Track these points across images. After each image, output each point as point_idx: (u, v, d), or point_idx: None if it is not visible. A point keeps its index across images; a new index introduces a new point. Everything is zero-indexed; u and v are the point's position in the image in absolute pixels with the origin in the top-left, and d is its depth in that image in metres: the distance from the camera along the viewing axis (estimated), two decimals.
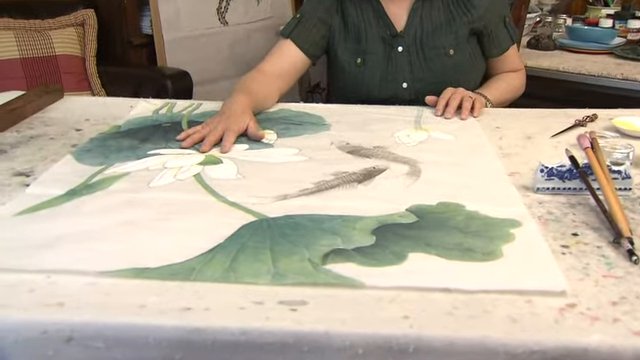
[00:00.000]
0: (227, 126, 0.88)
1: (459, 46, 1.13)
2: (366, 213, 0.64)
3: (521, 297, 0.50)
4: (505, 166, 0.79)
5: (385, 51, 1.13)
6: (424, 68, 1.12)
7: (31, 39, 1.82)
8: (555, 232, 0.61)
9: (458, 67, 1.13)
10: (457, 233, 0.60)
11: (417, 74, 1.13)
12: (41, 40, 1.83)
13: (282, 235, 0.59)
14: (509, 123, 1.00)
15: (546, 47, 1.86)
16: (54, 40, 1.86)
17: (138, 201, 0.68)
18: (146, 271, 0.53)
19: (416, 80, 1.13)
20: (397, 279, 0.52)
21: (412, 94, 1.14)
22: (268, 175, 0.76)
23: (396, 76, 1.13)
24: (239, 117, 0.91)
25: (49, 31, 1.88)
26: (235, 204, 0.67)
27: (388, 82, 1.13)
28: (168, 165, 0.79)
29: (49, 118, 1.01)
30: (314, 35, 1.14)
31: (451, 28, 1.12)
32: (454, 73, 1.13)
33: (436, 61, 1.12)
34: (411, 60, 1.13)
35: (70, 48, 1.89)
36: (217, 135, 0.87)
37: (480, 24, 1.14)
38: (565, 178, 0.70)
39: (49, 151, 0.85)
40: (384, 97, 1.14)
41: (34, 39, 1.83)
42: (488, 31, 1.15)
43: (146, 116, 1.03)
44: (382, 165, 0.79)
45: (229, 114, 0.92)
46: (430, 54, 1.12)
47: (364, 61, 1.13)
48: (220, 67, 2.30)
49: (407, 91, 1.14)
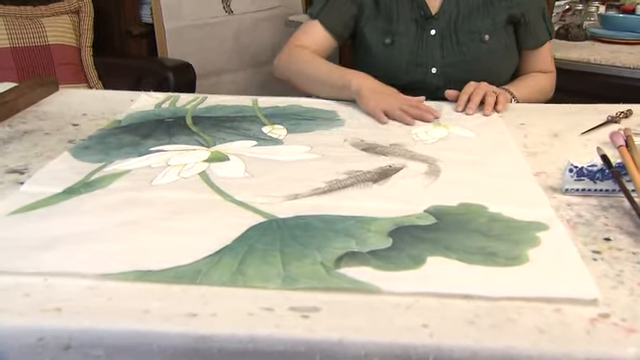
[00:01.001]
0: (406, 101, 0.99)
1: (495, 32, 1.13)
2: (381, 214, 0.65)
3: (549, 305, 0.50)
4: (530, 165, 0.80)
5: (417, 33, 1.14)
6: (456, 53, 1.13)
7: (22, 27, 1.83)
8: (585, 237, 0.61)
9: (492, 55, 1.14)
10: (479, 236, 0.60)
11: (448, 59, 1.14)
12: (33, 28, 1.85)
13: (293, 237, 0.60)
14: (535, 119, 1.00)
15: (576, 37, 1.85)
16: (47, 29, 1.87)
17: (140, 200, 0.69)
18: (149, 274, 0.53)
19: (446, 66, 1.14)
20: (415, 284, 0.52)
21: (441, 80, 1.15)
22: (277, 173, 0.77)
23: (425, 60, 1.14)
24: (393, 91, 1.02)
25: (42, 19, 1.89)
26: (243, 204, 0.68)
27: (417, 66, 1.15)
28: (172, 162, 0.80)
29: (43, 112, 1.03)
30: (343, 15, 1.16)
31: (488, 12, 1.13)
32: (487, 61, 1.13)
33: (470, 46, 1.13)
34: (443, 44, 1.14)
35: (64, 37, 1.91)
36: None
37: (518, 11, 1.14)
38: (596, 179, 0.70)
39: (44, 147, 0.86)
40: (410, 81, 1.15)
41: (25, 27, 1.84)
42: (526, 20, 1.16)
43: (148, 110, 1.04)
44: (399, 164, 0.80)
45: (385, 91, 1.01)
46: (464, 38, 1.13)
47: (393, 42, 1.15)
48: (224, 58, 2.31)
49: (436, 77, 1.15)
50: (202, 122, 0.97)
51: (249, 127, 0.95)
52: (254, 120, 0.99)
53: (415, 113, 0.96)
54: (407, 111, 0.96)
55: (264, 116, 1.01)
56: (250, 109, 1.05)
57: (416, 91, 1.14)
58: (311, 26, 1.17)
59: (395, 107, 0.97)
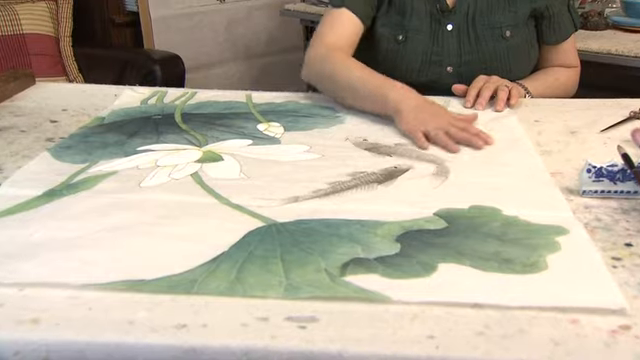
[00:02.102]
0: (449, 121, 0.89)
1: (517, 27, 1.13)
2: (388, 218, 0.66)
3: (564, 316, 0.50)
4: (545, 165, 0.80)
5: (432, 28, 1.14)
6: (474, 50, 1.13)
7: None
8: (605, 242, 0.62)
9: (512, 52, 1.14)
10: (493, 241, 0.61)
11: (466, 57, 1.13)
12: (5, 16, 1.84)
13: (294, 242, 0.61)
14: (550, 116, 1.01)
15: (596, 26, 1.85)
16: (21, 16, 1.87)
17: (128, 203, 0.69)
18: (141, 284, 0.54)
19: (463, 64, 1.14)
20: (427, 293, 0.53)
21: (456, 80, 1.13)
22: (275, 174, 0.78)
23: (441, 58, 1.14)
24: (442, 110, 0.94)
25: (15, 5, 1.88)
26: (239, 207, 0.69)
27: (431, 64, 1.14)
28: (161, 163, 0.81)
29: (18, 107, 1.03)
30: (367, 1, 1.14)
31: (510, 5, 1.13)
32: (506, 59, 1.13)
33: (489, 42, 1.12)
34: (461, 40, 1.13)
35: (41, 26, 1.90)
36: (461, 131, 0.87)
37: (542, 4, 1.14)
38: (617, 179, 0.71)
39: (20, 145, 0.87)
40: (423, 82, 1.14)
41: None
42: (550, 13, 1.15)
43: (133, 107, 1.05)
44: (404, 164, 0.81)
45: (429, 110, 0.92)
46: (483, 34, 1.12)
47: (406, 38, 1.14)
48: (216, 50, 2.32)
49: (451, 77, 1.14)
50: (192, 119, 0.98)
51: (243, 125, 0.96)
52: (248, 117, 1.00)
53: (462, 137, 0.86)
54: (453, 135, 0.87)
55: (259, 113, 1.02)
56: (244, 105, 1.06)
57: (429, 92, 1.14)
58: (338, 16, 1.12)
59: (440, 129, 0.87)
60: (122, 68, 1.81)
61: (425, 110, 0.92)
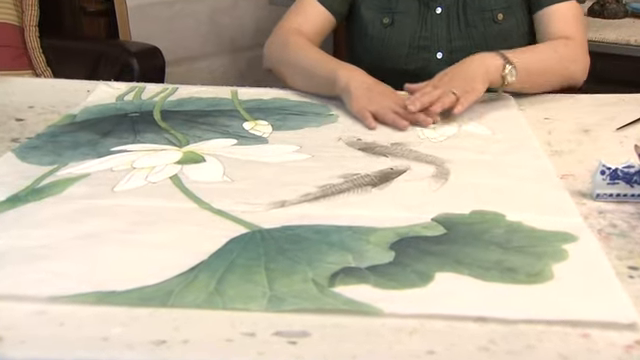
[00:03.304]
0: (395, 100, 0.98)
1: (510, 10, 1.15)
2: (382, 224, 0.66)
3: (575, 330, 0.51)
4: (555, 167, 0.82)
5: (420, 12, 1.16)
6: (464, 35, 1.15)
7: None
8: (620, 250, 0.63)
9: (504, 36, 1.15)
10: (495, 249, 0.62)
11: (456, 42, 1.15)
12: None
13: (280, 250, 0.62)
14: (561, 112, 1.02)
15: (614, 14, 1.86)
16: None
17: (100, 209, 0.70)
18: (112, 296, 0.55)
19: (454, 50, 1.15)
20: (421, 305, 0.54)
21: (447, 67, 1.14)
22: (262, 177, 0.79)
23: (429, 43, 1.16)
24: (388, 90, 1.01)
25: None
26: (221, 212, 0.69)
27: (419, 50, 1.16)
28: (137, 164, 0.82)
29: None
30: None
31: None
32: (498, 43, 1.13)
33: (479, 27, 1.15)
34: (450, 24, 1.15)
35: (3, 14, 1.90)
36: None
37: None
38: (634, 182, 0.72)
39: None
40: (412, 69, 1.16)
41: None
42: None
43: (108, 103, 1.05)
44: (401, 165, 0.82)
45: (377, 89, 1.00)
46: (474, 18, 1.15)
47: (392, 22, 1.16)
48: (199, 42, 2.32)
49: (441, 64, 1.15)
50: (173, 117, 0.99)
51: (228, 123, 0.97)
52: (234, 115, 1.00)
53: (411, 118, 0.95)
54: (401, 114, 0.95)
55: (245, 110, 1.03)
56: (229, 102, 1.07)
57: (418, 79, 1.15)
58: (304, 3, 1.19)
59: (388, 109, 0.96)
60: (95, 61, 1.81)
61: (373, 89, 1.00)
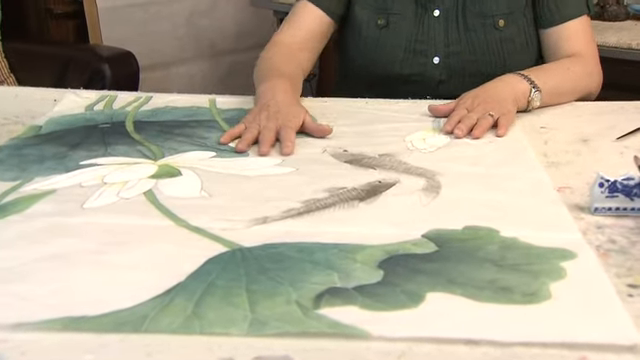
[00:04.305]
0: (282, 122, 0.94)
1: (512, 16, 1.17)
2: (370, 241, 0.67)
3: (572, 353, 0.52)
4: (552, 179, 0.83)
5: (416, 14, 1.18)
6: (462, 40, 1.17)
7: None
8: (619, 267, 0.64)
9: (506, 44, 1.17)
10: (490, 267, 0.63)
11: (454, 47, 1.17)
12: None
13: (261, 270, 0.62)
14: (558, 121, 1.03)
15: (614, 16, 1.89)
16: None
17: (69, 228, 0.70)
18: (82, 321, 0.55)
19: (451, 55, 1.17)
20: (411, 327, 0.54)
21: (444, 73, 1.18)
22: (242, 192, 0.79)
23: (426, 47, 1.18)
24: (291, 110, 0.98)
25: None
26: (199, 230, 0.70)
27: (415, 54, 1.18)
28: (109, 179, 0.82)
29: None
30: None
31: None
32: (500, 51, 1.17)
33: (479, 32, 1.16)
34: (448, 28, 1.17)
35: None
36: (273, 134, 0.93)
37: None
38: (634, 195, 0.73)
39: None
40: (407, 74, 1.18)
41: None
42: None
43: (76, 114, 1.06)
44: (390, 178, 0.83)
45: (277, 107, 0.97)
46: (474, 23, 1.16)
47: (388, 24, 1.18)
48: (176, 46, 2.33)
49: (438, 68, 1.18)
50: (146, 128, 1.00)
51: (206, 135, 0.98)
52: (212, 126, 1.01)
53: (264, 144, 0.91)
54: (260, 137, 0.93)
55: (224, 120, 1.03)
56: (207, 112, 1.08)
57: (414, 85, 1.18)
58: (299, 10, 1.20)
59: (254, 127, 0.94)
60: (63, 67, 1.81)
61: (269, 108, 0.98)
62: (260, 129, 0.93)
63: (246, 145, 0.91)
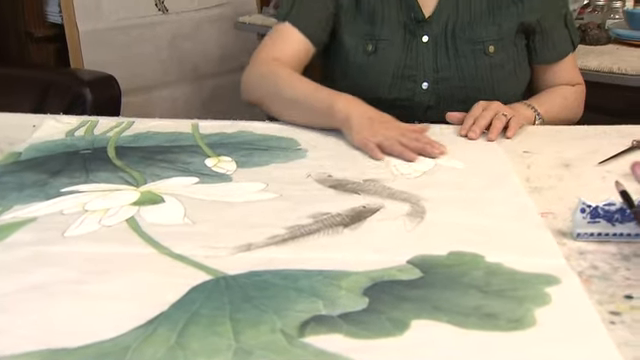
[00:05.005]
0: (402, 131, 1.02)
1: (502, 43, 1.19)
2: (355, 267, 0.68)
3: None
4: (535, 204, 0.84)
5: (405, 40, 1.20)
6: (452, 66, 1.19)
7: None
8: (602, 294, 0.64)
9: (496, 70, 1.19)
10: (475, 293, 0.64)
11: (443, 73, 1.19)
12: None
13: (245, 299, 0.62)
14: (541, 145, 1.05)
15: (596, 40, 1.91)
16: None
17: (49, 257, 0.70)
18: (63, 353, 0.54)
19: (440, 81, 1.19)
20: (396, 356, 0.55)
21: (432, 98, 1.20)
22: (225, 218, 0.79)
23: (415, 73, 1.19)
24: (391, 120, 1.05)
25: None
26: (182, 258, 0.70)
27: (404, 80, 1.20)
28: (90, 207, 0.82)
29: None
30: (318, 13, 1.20)
31: (494, 19, 1.19)
32: (489, 77, 1.19)
33: (469, 58, 1.18)
34: (437, 54, 1.19)
35: None
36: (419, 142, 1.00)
37: (532, 18, 1.20)
38: (615, 220, 0.74)
39: None
40: (395, 99, 1.20)
41: None
42: (542, 28, 1.22)
43: (57, 140, 1.06)
44: (375, 203, 0.84)
45: (379, 120, 1.03)
46: (463, 49, 1.18)
47: (376, 49, 1.19)
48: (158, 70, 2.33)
49: (426, 94, 1.20)
50: (128, 154, 1.00)
51: (189, 160, 0.98)
52: (195, 151, 1.02)
53: (417, 146, 0.98)
54: (407, 145, 0.98)
55: (207, 146, 1.04)
56: (189, 137, 1.08)
57: (401, 110, 1.19)
58: (281, 31, 1.21)
59: (393, 140, 0.99)
60: (43, 92, 1.79)
61: (375, 120, 1.03)
62: (398, 139, 0.99)
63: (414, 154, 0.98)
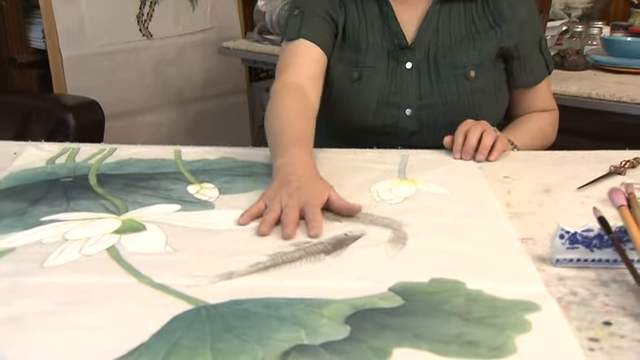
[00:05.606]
0: (306, 200, 0.86)
1: (482, 68, 1.22)
2: (337, 295, 0.68)
3: None
4: (516, 229, 0.84)
5: (389, 66, 1.21)
6: (435, 91, 1.21)
7: None
8: (581, 320, 0.65)
9: (478, 95, 1.22)
10: (456, 320, 0.64)
11: (426, 99, 1.21)
12: None
13: (227, 328, 0.62)
14: (521, 171, 1.06)
15: (575, 66, 1.95)
16: None
17: (28, 288, 0.69)
18: None
19: (424, 107, 1.21)
20: None
21: (415, 124, 1.22)
22: (207, 246, 0.79)
23: (399, 99, 1.21)
24: (314, 186, 0.90)
25: None
26: (163, 287, 0.70)
27: (388, 106, 1.21)
28: (70, 236, 0.81)
29: None
30: (325, 29, 1.21)
31: (474, 44, 1.21)
32: (471, 102, 1.21)
33: (452, 84, 1.20)
34: (421, 80, 1.21)
35: None
36: (297, 213, 0.84)
37: (510, 43, 1.23)
38: (593, 246, 0.75)
39: None
40: (379, 126, 1.21)
41: None
42: (520, 54, 1.25)
43: (37, 167, 1.05)
44: (356, 230, 0.84)
45: (298, 183, 0.89)
46: (445, 74, 1.21)
47: (361, 76, 1.21)
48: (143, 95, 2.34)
49: (410, 120, 1.22)
50: (110, 182, 1.00)
51: (171, 187, 0.98)
52: (177, 178, 1.02)
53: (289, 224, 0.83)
54: (283, 217, 0.84)
55: (190, 172, 1.04)
56: (172, 163, 1.08)
57: (385, 136, 1.20)
58: (296, 49, 1.19)
59: (276, 206, 0.85)
60: (25, 118, 1.79)
61: (291, 184, 0.89)
62: (282, 207, 0.85)
63: (269, 227, 0.83)
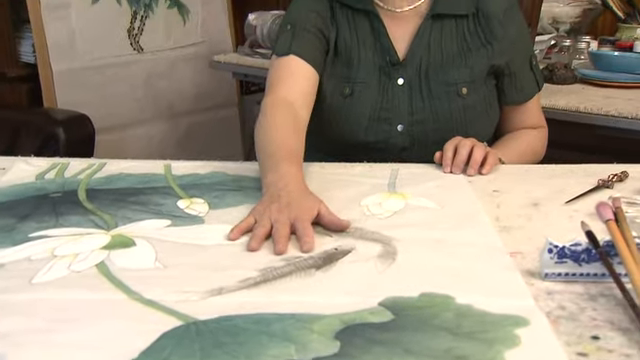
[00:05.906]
0: (296, 215, 0.85)
1: (474, 84, 1.23)
2: (327, 310, 0.68)
3: None
4: (504, 244, 0.85)
5: (380, 82, 1.22)
6: (427, 108, 1.21)
7: None
8: (569, 334, 0.65)
9: (469, 111, 1.22)
10: (445, 335, 0.64)
11: (417, 115, 1.21)
12: None
13: (216, 344, 0.62)
14: (510, 185, 1.07)
15: (563, 80, 1.97)
16: None
17: (16, 306, 0.69)
18: None
19: (415, 123, 1.21)
20: None
21: (407, 140, 1.22)
22: (197, 262, 0.79)
23: (390, 115, 1.22)
24: (304, 201, 0.90)
25: None
26: (153, 303, 0.69)
27: (380, 122, 1.22)
28: (59, 252, 0.81)
29: None
30: (315, 46, 1.22)
31: (466, 61, 1.22)
32: (463, 118, 1.22)
33: (444, 100, 1.21)
34: (412, 96, 1.22)
35: None
36: (288, 228, 0.84)
37: (502, 61, 1.24)
38: (581, 261, 0.75)
39: None
40: (371, 141, 1.22)
41: None
42: (510, 71, 1.26)
43: (26, 183, 1.05)
44: (346, 245, 0.84)
45: (288, 198, 0.89)
46: (437, 91, 1.21)
47: (352, 92, 1.21)
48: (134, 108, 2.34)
49: (402, 136, 1.22)
50: (100, 197, 0.99)
51: (161, 202, 0.98)
52: (167, 192, 1.02)
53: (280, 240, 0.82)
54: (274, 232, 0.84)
55: (180, 187, 1.04)
56: (162, 178, 1.08)
57: (377, 152, 1.21)
58: (286, 65, 1.19)
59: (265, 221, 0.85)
60: (15, 133, 1.78)
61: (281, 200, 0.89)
62: (272, 223, 0.85)
63: (259, 243, 0.82)
